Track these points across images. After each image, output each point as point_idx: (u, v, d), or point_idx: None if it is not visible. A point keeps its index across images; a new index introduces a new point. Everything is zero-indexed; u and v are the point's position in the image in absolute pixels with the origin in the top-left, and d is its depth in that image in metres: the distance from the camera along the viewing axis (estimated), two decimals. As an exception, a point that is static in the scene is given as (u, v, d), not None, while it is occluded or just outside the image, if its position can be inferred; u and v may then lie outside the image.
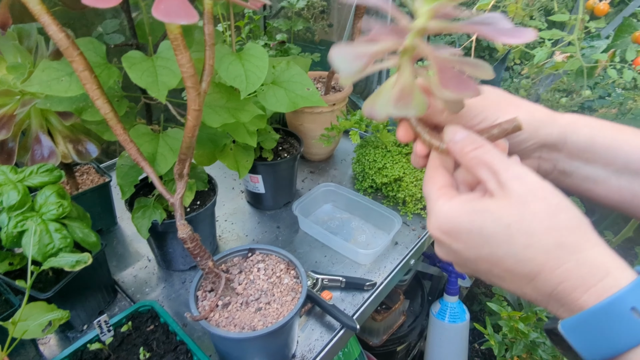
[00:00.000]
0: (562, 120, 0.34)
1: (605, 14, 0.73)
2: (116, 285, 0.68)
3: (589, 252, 0.26)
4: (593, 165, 0.35)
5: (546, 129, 0.34)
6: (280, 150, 0.85)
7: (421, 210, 0.86)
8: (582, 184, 0.36)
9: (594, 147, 0.34)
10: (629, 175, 0.34)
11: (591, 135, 0.34)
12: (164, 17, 0.27)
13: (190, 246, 0.49)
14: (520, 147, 0.35)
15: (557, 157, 0.36)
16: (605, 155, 0.34)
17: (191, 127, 0.40)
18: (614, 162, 0.34)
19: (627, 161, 0.33)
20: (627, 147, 0.33)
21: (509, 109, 0.34)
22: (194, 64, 0.35)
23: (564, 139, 0.34)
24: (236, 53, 0.59)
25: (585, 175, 0.35)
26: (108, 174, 0.77)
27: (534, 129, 0.34)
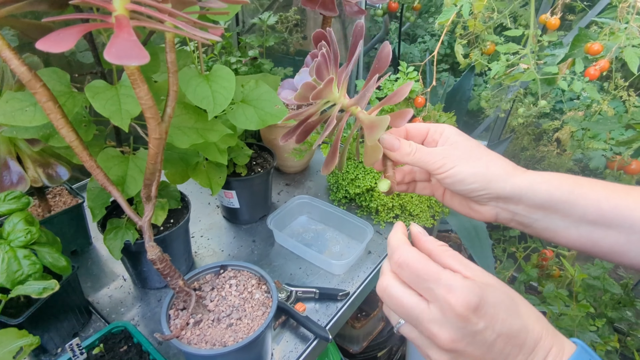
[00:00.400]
0: (517, 179, 0.37)
1: (557, 27, 0.77)
2: (90, 307, 0.68)
3: None
4: (552, 217, 0.37)
5: (498, 183, 0.37)
6: (254, 165, 0.87)
7: (393, 219, 0.89)
8: (543, 233, 0.38)
9: (551, 202, 0.36)
10: (588, 225, 0.36)
11: (549, 191, 0.36)
12: (115, 59, 0.28)
13: (160, 267, 0.50)
14: (472, 195, 0.38)
15: (514, 209, 0.38)
16: (563, 208, 0.36)
17: (153, 155, 0.41)
18: (572, 215, 0.36)
19: (584, 213, 0.36)
20: (583, 202, 0.36)
21: (470, 160, 0.37)
22: (152, 96, 0.37)
23: (519, 196, 0.37)
24: (204, 75, 0.61)
25: (545, 226, 0.38)
26: (81, 195, 0.77)
27: (487, 182, 0.37)
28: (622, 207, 0.35)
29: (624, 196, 0.35)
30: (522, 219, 0.38)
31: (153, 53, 0.60)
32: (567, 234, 0.37)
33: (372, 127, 0.36)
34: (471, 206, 0.41)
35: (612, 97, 1.29)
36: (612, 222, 0.35)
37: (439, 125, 0.41)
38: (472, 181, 0.37)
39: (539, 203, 0.37)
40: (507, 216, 0.39)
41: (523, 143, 1.78)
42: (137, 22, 0.33)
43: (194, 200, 0.95)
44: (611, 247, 0.36)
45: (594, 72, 0.76)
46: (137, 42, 0.29)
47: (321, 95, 0.36)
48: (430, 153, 0.38)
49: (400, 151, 0.38)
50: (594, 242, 0.37)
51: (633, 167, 1.00)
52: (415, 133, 0.42)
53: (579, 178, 0.37)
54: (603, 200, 0.35)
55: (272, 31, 1.20)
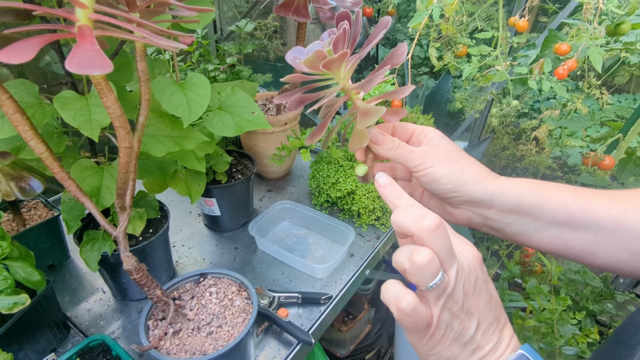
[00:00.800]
0: (490, 184, 0.38)
1: (525, 29, 0.79)
2: (68, 321, 0.67)
3: None
4: (523, 220, 0.38)
5: (472, 186, 0.38)
6: (234, 172, 0.87)
7: (375, 221, 0.90)
8: (515, 237, 0.40)
9: (521, 206, 0.38)
10: (558, 227, 0.38)
11: (519, 195, 0.38)
12: (77, 69, 0.28)
13: (137, 277, 0.49)
14: (446, 196, 0.40)
15: (486, 213, 0.39)
16: (534, 212, 0.38)
17: (124, 164, 0.41)
18: (543, 218, 0.38)
19: (554, 216, 0.37)
20: (552, 204, 0.37)
21: (447, 162, 0.39)
22: (120, 105, 0.37)
23: (490, 200, 0.38)
24: (179, 83, 0.61)
25: (517, 230, 0.39)
26: (57, 208, 0.76)
27: (460, 184, 0.38)
28: (587, 208, 0.36)
29: (588, 197, 0.37)
30: (494, 223, 0.40)
31: (126, 62, 0.60)
32: (539, 237, 0.39)
33: (366, 113, 0.37)
34: (446, 209, 0.43)
35: (586, 95, 1.33)
36: (581, 223, 0.37)
37: (424, 128, 0.42)
38: (447, 182, 0.38)
39: (510, 207, 0.38)
40: (479, 220, 0.41)
41: (503, 142, 1.82)
42: (101, 31, 0.33)
43: (174, 209, 0.94)
44: (582, 248, 0.38)
45: (562, 72, 0.78)
46: (99, 51, 0.29)
47: (332, 67, 0.36)
48: (412, 151, 0.39)
49: (384, 145, 0.39)
50: (565, 244, 0.38)
51: (606, 162, 1.03)
52: (401, 131, 0.43)
53: (545, 182, 0.39)
54: (570, 202, 0.37)
55: (251, 38, 1.21)
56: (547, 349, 0.93)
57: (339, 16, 0.38)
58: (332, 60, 0.35)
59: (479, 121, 1.58)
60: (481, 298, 0.31)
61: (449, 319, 0.31)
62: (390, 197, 0.35)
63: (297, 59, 0.37)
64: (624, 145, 1.02)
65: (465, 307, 0.31)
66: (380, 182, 0.36)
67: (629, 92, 2.22)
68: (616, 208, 0.36)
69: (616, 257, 0.37)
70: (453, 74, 0.94)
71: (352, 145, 0.39)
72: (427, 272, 0.29)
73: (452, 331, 0.31)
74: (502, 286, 1.31)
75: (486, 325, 0.31)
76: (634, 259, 0.36)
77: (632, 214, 0.35)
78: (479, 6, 0.83)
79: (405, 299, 0.29)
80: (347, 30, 0.36)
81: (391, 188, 0.36)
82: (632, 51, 0.92)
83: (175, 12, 0.44)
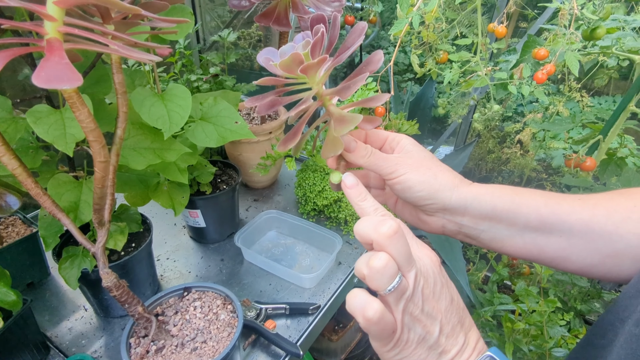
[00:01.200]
0: (463, 190, 0.38)
1: (504, 35, 0.81)
2: (48, 341, 0.65)
3: None
4: (497, 227, 0.38)
5: (445, 193, 0.38)
6: (219, 182, 0.86)
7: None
8: (490, 244, 0.40)
9: (495, 212, 0.38)
10: (532, 232, 0.38)
11: (492, 201, 0.38)
12: (45, 83, 0.27)
13: (117, 294, 0.48)
14: (420, 203, 0.39)
15: (461, 220, 0.39)
16: (507, 217, 0.38)
17: (100, 179, 0.40)
18: (516, 223, 0.38)
19: (527, 220, 0.37)
20: (525, 209, 0.37)
21: (420, 169, 0.38)
22: (94, 119, 0.36)
23: (464, 207, 0.38)
24: (159, 94, 0.60)
25: (491, 236, 0.39)
26: (35, 224, 0.74)
27: (434, 191, 0.38)
28: (559, 212, 0.37)
29: (560, 202, 0.37)
30: (469, 230, 0.40)
31: (105, 74, 0.59)
32: (514, 243, 0.39)
33: (342, 121, 0.36)
34: (420, 217, 0.42)
35: (567, 98, 1.35)
36: (553, 227, 0.37)
37: (397, 135, 0.42)
38: (420, 189, 0.38)
39: (484, 213, 0.38)
40: (453, 228, 0.40)
41: (488, 146, 1.84)
42: (72, 44, 0.32)
43: (158, 222, 0.93)
44: (555, 253, 0.38)
45: (541, 76, 0.80)
46: (68, 64, 0.29)
47: (309, 71, 0.35)
48: (385, 159, 0.39)
49: (357, 153, 0.39)
50: (539, 249, 0.38)
51: (588, 164, 1.04)
52: (374, 139, 0.43)
53: (518, 188, 0.39)
54: (542, 207, 0.37)
55: (235, 48, 1.20)
56: (537, 351, 0.94)
57: (313, 19, 0.37)
58: (311, 65, 0.35)
59: (463, 126, 1.60)
60: (442, 301, 0.31)
61: (411, 322, 0.31)
62: (356, 198, 0.35)
63: (269, 60, 0.36)
64: (605, 146, 1.04)
65: (426, 311, 0.31)
66: (347, 183, 0.36)
67: (608, 94, 2.28)
68: (586, 211, 0.36)
69: (589, 260, 0.37)
70: (435, 80, 0.95)
71: (325, 152, 0.39)
72: (384, 276, 0.29)
73: (416, 335, 0.31)
74: (492, 289, 1.31)
75: (450, 329, 0.31)
76: (605, 261, 0.36)
77: (601, 216, 0.36)
78: (459, 13, 0.84)
79: (372, 307, 0.29)
80: (324, 33, 0.35)
81: (357, 189, 0.36)
82: (609, 55, 0.94)
83: (153, 24, 0.44)
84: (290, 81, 0.38)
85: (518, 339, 0.98)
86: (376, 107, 0.84)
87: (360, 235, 0.31)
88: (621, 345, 0.29)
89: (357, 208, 0.35)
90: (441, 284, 0.32)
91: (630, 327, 0.29)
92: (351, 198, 0.36)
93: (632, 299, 0.30)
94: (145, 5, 0.38)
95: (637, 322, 0.29)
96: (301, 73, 0.35)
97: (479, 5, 0.77)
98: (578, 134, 2.10)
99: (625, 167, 1.00)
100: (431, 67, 0.80)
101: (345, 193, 0.36)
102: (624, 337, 0.29)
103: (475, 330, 0.33)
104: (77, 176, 0.60)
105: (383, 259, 0.29)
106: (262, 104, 0.39)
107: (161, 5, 0.39)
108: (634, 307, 0.30)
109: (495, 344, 0.97)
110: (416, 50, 0.84)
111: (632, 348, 0.28)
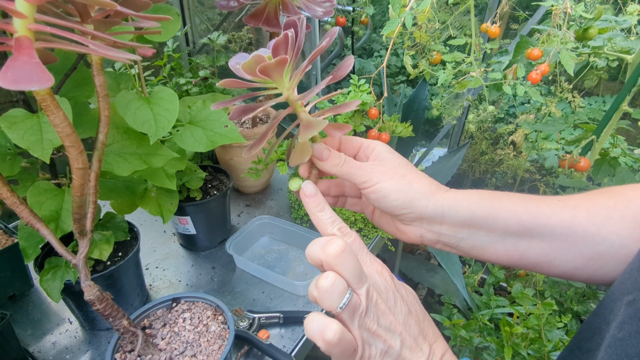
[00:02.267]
0: (440, 197, 0.37)
1: (497, 35, 0.80)
2: (30, 357, 0.62)
3: None
4: (477, 234, 0.37)
5: (421, 201, 0.37)
6: (209, 188, 0.83)
7: (357, 232, 0.88)
8: (471, 252, 0.38)
9: (474, 219, 0.37)
10: (512, 237, 0.37)
11: (470, 207, 0.36)
12: (12, 85, 0.25)
13: (100, 307, 0.45)
14: (396, 212, 0.38)
15: (439, 229, 0.38)
16: (486, 224, 0.37)
17: (78, 187, 0.38)
18: (496, 229, 0.37)
19: (506, 226, 0.36)
20: (503, 214, 0.36)
21: (394, 177, 0.37)
22: (70, 123, 0.34)
23: (442, 214, 0.37)
24: (144, 97, 0.58)
25: (471, 244, 0.38)
26: (17, 234, 0.71)
27: (409, 200, 0.36)
28: (539, 215, 0.36)
29: (539, 204, 0.36)
30: (448, 239, 0.38)
31: (87, 77, 0.57)
32: (495, 250, 0.38)
33: (308, 126, 0.35)
34: (397, 226, 0.41)
35: (558, 99, 1.35)
36: (533, 231, 0.36)
37: (371, 142, 0.41)
38: (395, 198, 0.37)
39: (463, 221, 0.37)
40: (432, 237, 0.39)
41: (482, 147, 1.84)
42: (44, 43, 0.30)
43: (147, 229, 0.90)
44: (538, 257, 0.37)
45: (535, 77, 0.79)
46: (38, 64, 0.27)
47: (269, 73, 0.34)
48: (359, 167, 0.38)
49: (329, 162, 0.38)
50: (521, 254, 0.37)
51: (582, 164, 1.04)
52: (348, 146, 0.41)
53: (496, 192, 0.38)
54: (521, 211, 0.36)
55: (225, 51, 1.18)
56: (535, 355, 0.92)
57: (286, 24, 0.37)
58: (269, 66, 0.33)
59: (457, 127, 1.60)
60: (399, 315, 0.31)
61: (370, 338, 0.30)
62: (314, 208, 0.34)
63: (237, 64, 0.36)
64: (598, 146, 1.04)
65: (384, 325, 0.30)
66: (306, 192, 0.35)
67: (598, 95, 2.29)
68: (566, 213, 0.35)
69: (572, 264, 0.36)
70: (428, 81, 0.94)
71: (293, 159, 0.37)
72: (333, 294, 0.29)
73: (378, 350, 0.30)
74: (488, 292, 1.30)
75: (411, 341, 0.31)
76: (589, 264, 0.35)
77: (582, 217, 0.35)
78: (452, 14, 0.83)
79: (331, 328, 0.28)
80: (289, 36, 0.34)
81: (315, 199, 0.35)
82: (600, 55, 0.94)
83: (136, 24, 0.42)
84: (258, 85, 0.37)
85: (517, 343, 0.96)
86: (369, 109, 0.82)
87: (310, 257, 0.31)
88: (605, 350, 0.28)
89: (314, 218, 0.34)
90: (394, 298, 0.32)
91: (614, 330, 0.28)
92: (309, 208, 0.35)
93: (616, 301, 0.30)
94: (125, 3, 0.36)
95: (621, 326, 0.28)
96: (260, 74, 0.34)
97: (471, 6, 0.77)
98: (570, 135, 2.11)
99: (619, 167, 1.00)
100: (425, 68, 0.79)
101: (303, 202, 0.35)
102: (608, 341, 0.28)
103: (442, 342, 0.33)
104: (59, 184, 0.57)
105: (330, 277, 0.29)
106: (235, 110, 0.38)
107: (142, 4, 0.37)
108: (618, 310, 0.29)
109: (493, 348, 0.95)
110: (409, 51, 0.83)
111: (616, 353, 0.27)
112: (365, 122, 0.86)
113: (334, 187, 0.44)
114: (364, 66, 2.48)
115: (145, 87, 0.64)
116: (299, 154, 0.37)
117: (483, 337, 0.95)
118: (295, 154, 0.37)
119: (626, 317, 0.27)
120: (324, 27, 1.10)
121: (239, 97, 0.40)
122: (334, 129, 0.38)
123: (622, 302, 0.29)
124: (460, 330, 0.92)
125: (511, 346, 0.94)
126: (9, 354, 0.56)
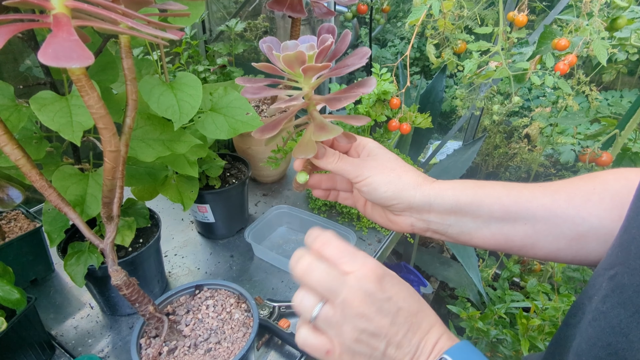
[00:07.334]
0: (427, 187, 0.40)
1: (524, 24, 0.78)
2: (53, 341, 0.62)
3: None
4: (463, 220, 0.40)
5: (409, 192, 0.40)
6: (228, 176, 0.83)
7: (375, 224, 0.87)
8: (459, 238, 0.41)
9: (459, 206, 0.39)
10: (497, 222, 0.39)
11: (455, 196, 0.39)
12: (52, 61, 0.24)
13: (127, 292, 0.45)
14: (387, 204, 0.41)
15: (427, 217, 0.41)
16: (471, 210, 0.39)
17: (110, 170, 0.37)
18: (480, 215, 0.39)
19: (490, 211, 0.39)
20: (487, 200, 0.39)
21: (384, 170, 0.40)
22: (104, 104, 0.33)
23: (429, 203, 0.40)
24: (168, 83, 0.58)
25: (459, 230, 0.41)
26: (39, 219, 0.71)
27: (398, 191, 0.40)
28: (521, 200, 0.38)
29: (522, 190, 0.39)
30: (437, 226, 0.41)
31: (111, 61, 0.56)
32: (482, 235, 0.40)
33: (323, 128, 0.38)
34: (389, 217, 0.44)
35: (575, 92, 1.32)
36: (517, 215, 0.38)
37: (362, 139, 0.44)
38: (385, 190, 0.40)
39: (449, 208, 0.40)
40: (422, 226, 0.42)
41: (495, 141, 1.81)
42: (80, 21, 0.29)
43: (166, 217, 0.90)
44: (523, 240, 0.39)
45: (563, 67, 0.77)
46: (78, 41, 0.26)
47: (309, 73, 0.37)
48: (351, 163, 0.41)
49: (325, 159, 0.41)
50: (506, 238, 0.39)
51: (604, 159, 1.02)
52: None
53: (480, 181, 0.40)
54: (504, 197, 0.38)
55: (240, 39, 1.17)
56: (553, 350, 0.91)
57: (322, 28, 0.39)
58: (313, 68, 0.36)
59: (472, 120, 1.57)
60: (387, 317, 0.31)
61: (352, 344, 0.31)
62: None
63: (272, 49, 0.37)
64: (621, 140, 1.01)
65: (369, 330, 0.31)
66: None
67: (615, 89, 2.24)
68: (547, 197, 0.37)
69: (555, 245, 0.38)
70: (452, 71, 0.92)
71: (297, 152, 0.39)
72: (304, 309, 0.32)
73: (360, 354, 0.31)
74: (503, 286, 1.29)
75: (400, 338, 0.31)
76: (571, 244, 0.37)
77: (562, 200, 0.37)
78: (476, 3, 0.81)
79: (299, 334, 0.33)
80: (333, 43, 0.37)
81: None
82: (625, 47, 0.91)
83: (164, 5, 0.41)
84: (286, 75, 0.39)
85: (533, 336, 0.96)
86: (390, 99, 0.81)
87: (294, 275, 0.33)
88: (589, 323, 0.30)
89: None
90: (380, 301, 0.32)
91: (597, 304, 0.29)
92: None
93: (599, 277, 0.31)
94: (158, -18, 0.35)
95: (604, 299, 0.29)
96: (302, 72, 0.37)
97: (499, -7, 0.74)
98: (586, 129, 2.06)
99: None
100: (449, 57, 0.77)
101: None
102: (591, 314, 0.30)
103: (438, 328, 0.33)
104: (82, 168, 0.57)
105: (298, 295, 0.33)
106: (252, 87, 0.40)
107: (175, -17, 0.37)
108: (600, 284, 0.30)
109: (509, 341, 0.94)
110: (432, 40, 0.81)
111: (600, 325, 0.28)
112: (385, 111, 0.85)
113: (325, 181, 0.47)
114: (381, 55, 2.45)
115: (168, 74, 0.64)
116: (304, 148, 0.39)
117: (499, 330, 0.94)
118: (300, 148, 0.40)
119: (609, 290, 0.29)
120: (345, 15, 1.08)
121: (266, 80, 0.42)
122: (344, 137, 0.41)
123: (604, 277, 0.30)
124: (477, 322, 0.92)
125: (528, 339, 0.93)
126: (34, 337, 0.57)
